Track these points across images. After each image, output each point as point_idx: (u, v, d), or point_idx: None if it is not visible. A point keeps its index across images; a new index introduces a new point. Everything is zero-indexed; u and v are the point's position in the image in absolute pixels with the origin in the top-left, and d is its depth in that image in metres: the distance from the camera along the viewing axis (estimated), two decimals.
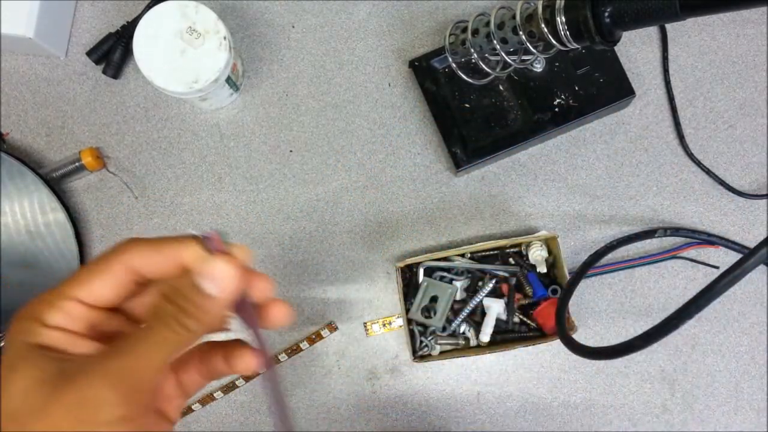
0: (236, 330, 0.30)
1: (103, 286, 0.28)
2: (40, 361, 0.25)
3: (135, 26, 0.53)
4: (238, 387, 0.61)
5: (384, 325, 0.61)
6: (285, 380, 0.61)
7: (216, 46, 0.53)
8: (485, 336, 0.57)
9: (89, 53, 0.61)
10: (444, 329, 0.58)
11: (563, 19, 0.44)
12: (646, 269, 0.62)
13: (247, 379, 0.60)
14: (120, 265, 0.28)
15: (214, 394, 0.60)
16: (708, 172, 0.62)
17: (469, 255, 0.59)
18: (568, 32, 0.45)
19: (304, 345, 0.60)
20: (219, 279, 0.27)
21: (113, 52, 0.60)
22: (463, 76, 0.56)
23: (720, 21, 0.63)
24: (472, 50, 0.53)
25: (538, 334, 0.58)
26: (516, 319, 0.58)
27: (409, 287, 0.59)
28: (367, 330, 0.61)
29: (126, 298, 0.29)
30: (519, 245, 0.59)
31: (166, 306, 0.27)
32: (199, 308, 0.27)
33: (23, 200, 0.58)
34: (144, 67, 0.53)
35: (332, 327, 0.60)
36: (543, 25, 0.46)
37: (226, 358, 0.30)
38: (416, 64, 0.60)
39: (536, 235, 0.58)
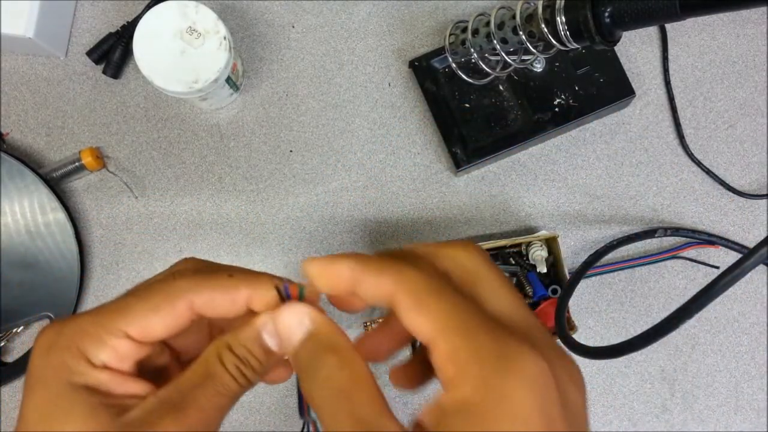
0: None
1: (159, 324, 0.25)
2: (95, 413, 0.23)
3: (135, 26, 0.53)
4: None
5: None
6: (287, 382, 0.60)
7: (216, 46, 0.53)
8: None
9: (89, 53, 0.61)
10: None
11: (563, 19, 0.44)
12: (646, 269, 0.62)
13: None
14: (183, 304, 0.25)
15: None
16: (708, 172, 0.62)
17: None
18: (568, 32, 0.45)
19: None
20: (285, 338, 0.25)
21: (113, 52, 0.60)
22: (463, 76, 0.56)
23: (720, 21, 0.63)
24: (472, 50, 0.53)
25: None
26: None
27: None
28: (367, 330, 0.61)
29: (177, 335, 0.27)
30: (519, 245, 0.59)
31: (228, 355, 0.25)
32: (260, 362, 0.25)
33: (23, 200, 0.58)
34: (144, 67, 0.53)
35: None
36: (543, 25, 0.46)
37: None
38: (416, 64, 0.60)
39: (536, 235, 0.58)
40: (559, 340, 0.47)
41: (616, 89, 0.59)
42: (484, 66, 0.54)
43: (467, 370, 0.21)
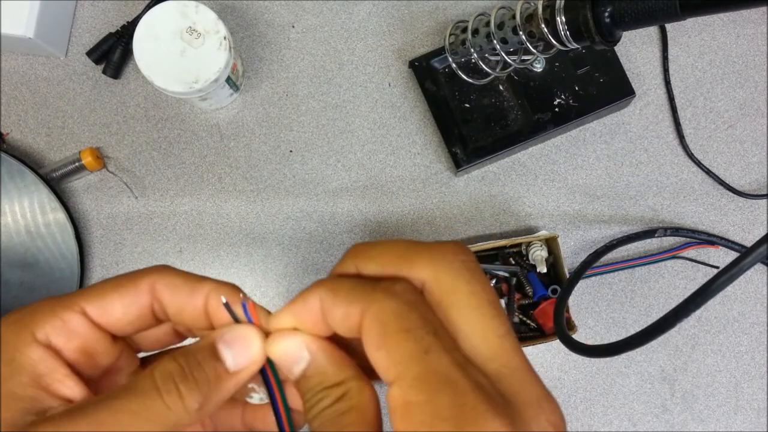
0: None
1: (119, 305, 0.24)
2: (6, 399, 0.21)
3: (135, 26, 0.53)
4: None
5: None
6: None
7: (216, 46, 0.53)
8: None
9: (89, 53, 0.61)
10: None
11: (563, 19, 0.44)
12: (646, 269, 0.62)
13: None
14: (144, 286, 0.24)
15: None
16: (708, 172, 0.62)
17: None
18: (568, 32, 0.45)
19: None
20: (243, 351, 0.22)
21: (113, 52, 0.60)
22: (463, 76, 0.56)
23: (720, 21, 0.63)
24: (472, 50, 0.53)
25: (538, 334, 0.58)
26: (516, 319, 0.58)
27: None
28: None
29: (136, 329, 0.25)
30: (519, 245, 0.59)
31: (169, 364, 0.22)
32: (208, 380, 0.22)
33: (23, 200, 0.58)
34: (144, 67, 0.53)
35: None
36: (543, 25, 0.46)
37: (243, 414, 0.26)
38: (416, 64, 0.60)
39: (536, 235, 0.58)
40: (558, 339, 0.47)
41: (616, 89, 0.59)
42: (484, 66, 0.54)
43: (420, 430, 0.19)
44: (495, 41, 0.50)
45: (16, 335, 0.23)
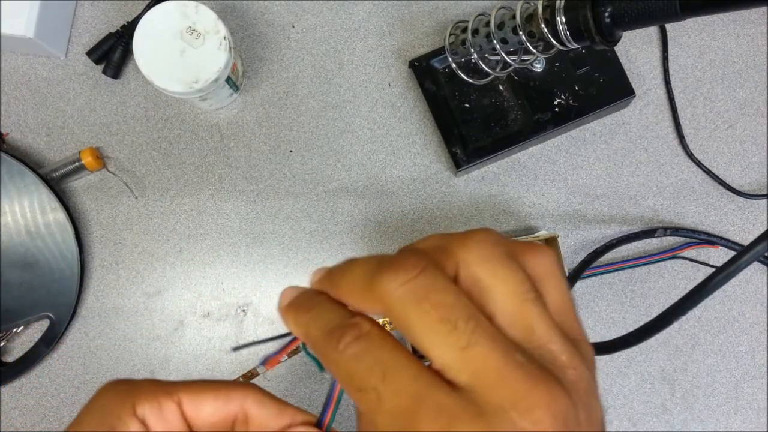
0: None
1: (211, 405, 0.26)
2: None
3: (135, 26, 0.53)
4: None
5: (385, 324, 0.61)
6: (287, 378, 0.61)
7: (216, 46, 0.53)
8: None
9: (89, 53, 0.61)
10: None
11: (563, 19, 0.44)
12: (646, 269, 0.62)
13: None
14: (238, 396, 0.26)
15: None
16: (708, 172, 0.62)
17: None
18: (568, 32, 0.45)
19: None
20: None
21: (113, 52, 0.60)
22: (463, 76, 0.56)
23: (720, 21, 0.63)
24: (472, 50, 0.53)
25: None
26: None
27: None
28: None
29: (221, 429, 0.27)
30: None
31: None
32: None
33: (23, 200, 0.58)
34: (144, 67, 0.53)
35: None
36: (543, 25, 0.46)
37: None
38: (416, 64, 0.60)
39: (536, 235, 0.58)
40: None
41: (616, 89, 0.59)
42: (484, 66, 0.54)
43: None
44: (495, 41, 0.51)
45: (119, 405, 0.25)
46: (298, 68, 0.62)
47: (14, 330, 0.59)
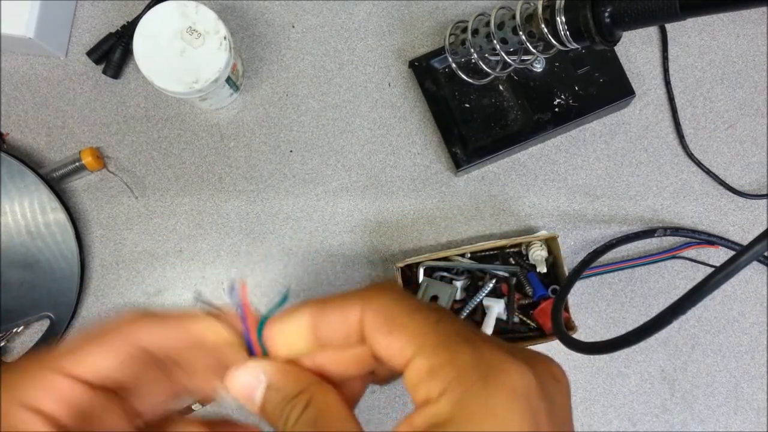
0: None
1: (101, 358, 0.23)
2: None
3: (135, 26, 0.53)
4: None
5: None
6: None
7: (216, 46, 0.53)
8: None
9: (89, 53, 0.61)
10: None
11: (563, 19, 0.44)
12: (646, 269, 0.62)
13: None
14: (122, 335, 0.24)
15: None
16: (708, 172, 0.62)
17: (469, 255, 0.59)
18: (568, 32, 0.45)
19: None
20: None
21: (113, 52, 0.60)
22: (463, 76, 0.56)
23: (720, 21, 0.63)
24: (472, 50, 0.53)
25: (538, 334, 0.58)
26: (516, 319, 0.58)
27: (409, 287, 0.59)
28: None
29: (128, 377, 0.24)
30: (519, 245, 0.59)
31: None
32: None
33: (23, 200, 0.58)
34: (144, 67, 0.53)
35: None
36: (543, 25, 0.46)
37: None
38: (416, 64, 0.60)
39: (536, 235, 0.58)
40: (556, 337, 0.47)
41: (616, 89, 0.59)
42: (484, 66, 0.54)
43: (449, 386, 0.20)
44: (495, 41, 0.51)
45: (5, 401, 0.22)
46: (298, 68, 0.62)
47: (14, 330, 0.59)
